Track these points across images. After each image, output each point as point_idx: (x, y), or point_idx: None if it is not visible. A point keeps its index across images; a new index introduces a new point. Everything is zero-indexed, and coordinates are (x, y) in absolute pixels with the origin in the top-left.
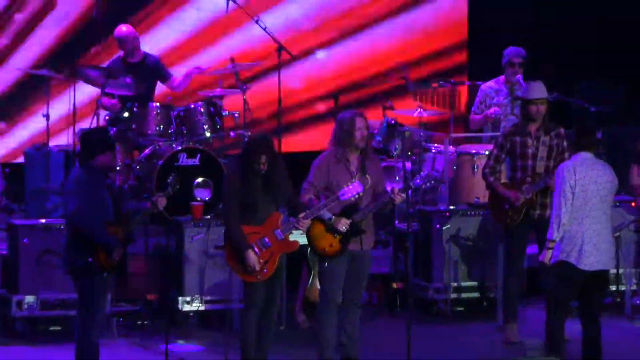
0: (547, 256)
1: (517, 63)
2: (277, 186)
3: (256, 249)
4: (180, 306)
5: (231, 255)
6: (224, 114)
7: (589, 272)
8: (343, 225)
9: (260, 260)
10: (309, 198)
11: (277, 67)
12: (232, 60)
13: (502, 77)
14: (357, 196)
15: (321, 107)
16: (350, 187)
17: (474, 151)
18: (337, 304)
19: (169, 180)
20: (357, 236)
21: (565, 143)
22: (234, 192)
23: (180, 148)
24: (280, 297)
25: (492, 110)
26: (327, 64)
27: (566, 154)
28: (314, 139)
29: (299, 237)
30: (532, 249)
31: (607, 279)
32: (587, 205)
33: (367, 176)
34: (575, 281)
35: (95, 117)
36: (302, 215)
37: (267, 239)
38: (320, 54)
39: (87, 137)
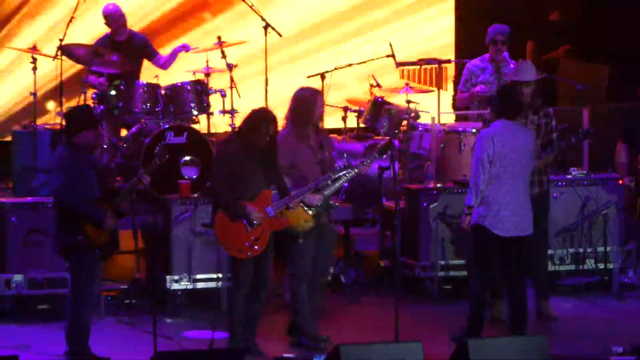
0: (466, 221)
1: (500, 40)
2: (273, 163)
3: (247, 226)
4: (168, 285)
5: (222, 230)
6: (210, 91)
7: (504, 238)
8: (318, 200)
9: (251, 237)
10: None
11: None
12: (219, 38)
13: (487, 55)
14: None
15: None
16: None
17: (461, 129)
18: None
19: (156, 151)
20: (328, 210)
21: (553, 122)
22: (228, 165)
23: (167, 126)
24: (269, 277)
25: (478, 88)
26: (313, 41)
27: (554, 133)
28: None
29: None
30: None
31: (527, 245)
32: (506, 173)
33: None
34: (491, 245)
35: (83, 95)
36: (293, 193)
37: None
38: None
39: (70, 115)
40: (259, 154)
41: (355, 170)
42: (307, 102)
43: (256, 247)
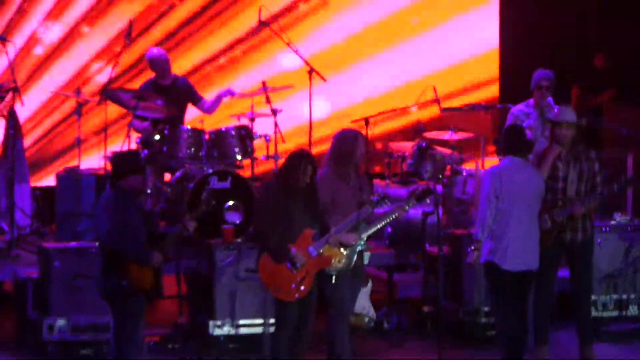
0: (473, 257)
1: (545, 86)
2: (314, 202)
3: (292, 269)
4: (211, 330)
5: (268, 274)
6: (255, 137)
7: (514, 273)
8: (353, 240)
9: (297, 279)
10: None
11: (309, 91)
12: (264, 83)
13: (532, 100)
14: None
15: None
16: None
17: None
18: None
19: (202, 198)
20: (362, 252)
21: (596, 166)
22: (270, 206)
23: (211, 171)
24: (311, 316)
25: None
26: (357, 87)
27: (598, 178)
28: None
29: None
30: (563, 272)
31: (531, 278)
32: (514, 209)
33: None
34: (503, 281)
35: (127, 139)
36: (333, 230)
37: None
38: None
39: (117, 159)
40: (300, 194)
41: (395, 215)
42: (349, 142)
43: (302, 287)
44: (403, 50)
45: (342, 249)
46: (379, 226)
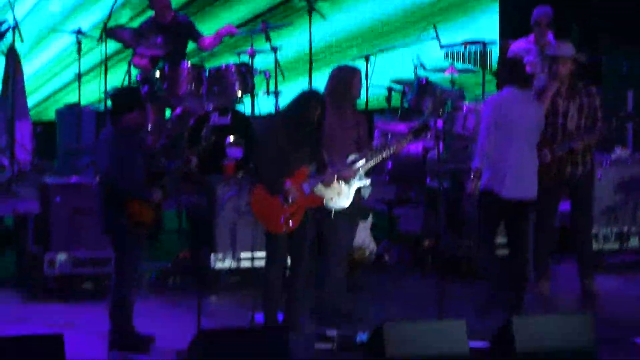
0: (472, 185)
1: (544, 23)
2: (318, 140)
3: (283, 202)
4: (212, 264)
5: (259, 205)
6: (255, 73)
7: (511, 201)
8: (352, 175)
9: (287, 213)
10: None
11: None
12: (264, 22)
13: (532, 37)
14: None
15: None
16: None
17: None
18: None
19: (202, 134)
20: (361, 189)
21: (597, 101)
22: (272, 140)
23: (211, 107)
24: (306, 253)
25: None
26: (356, 21)
27: (598, 113)
28: None
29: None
30: (564, 206)
31: (529, 208)
32: (512, 138)
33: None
34: (499, 208)
35: (127, 76)
36: (329, 170)
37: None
38: None
39: (117, 96)
40: (304, 131)
41: (392, 150)
42: (345, 80)
43: (291, 222)
44: None
45: (341, 184)
46: (377, 162)
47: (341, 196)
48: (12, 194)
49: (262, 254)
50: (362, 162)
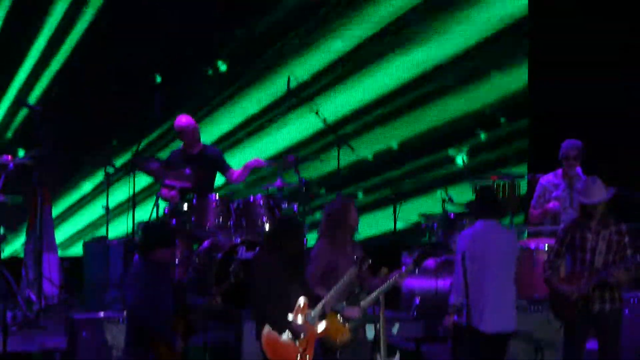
0: (450, 321)
1: (573, 156)
2: (304, 270)
3: (294, 340)
4: None
5: (272, 348)
6: (283, 206)
7: (491, 335)
8: (357, 313)
9: (300, 349)
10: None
11: (337, 160)
12: (293, 154)
13: (560, 170)
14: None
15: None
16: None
17: (533, 246)
18: None
19: (231, 269)
20: (366, 323)
21: (627, 239)
22: (266, 277)
23: (239, 241)
24: None
25: (551, 204)
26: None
27: (628, 250)
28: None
29: None
30: (591, 344)
31: (506, 342)
32: (488, 270)
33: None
34: (481, 343)
35: (155, 208)
36: (327, 296)
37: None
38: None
39: (148, 230)
40: (293, 261)
41: (394, 282)
42: (341, 212)
43: (307, 357)
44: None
45: (345, 324)
46: (379, 293)
47: (346, 335)
48: (40, 328)
49: None
50: (366, 298)
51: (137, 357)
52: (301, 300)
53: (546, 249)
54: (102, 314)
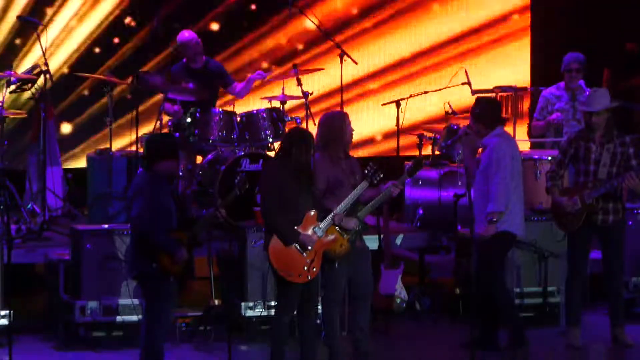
0: (490, 230)
1: (575, 69)
2: (313, 182)
3: (301, 251)
4: (243, 311)
5: (278, 258)
6: (286, 119)
7: (518, 239)
8: (354, 224)
9: (307, 260)
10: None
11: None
12: (295, 66)
13: (562, 83)
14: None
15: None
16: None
17: (536, 157)
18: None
19: (235, 181)
20: (362, 232)
21: (631, 150)
22: (279, 186)
23: (242, 153)
24: (317, 296)
25: (554, 116)
26: (387, 66)
27: (633, 161)
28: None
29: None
30: (595, 254)
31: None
32: (514, 179)
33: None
34: (510, 248)
35: (158, 122)
36: (336, 210)
37: None
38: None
39: (152, 143)
40: (302, 174)
41: (389, 193)
42: (336, 124)
43: (314, 269)
44: (435, 25)
45: (343, 234)
46: (374, 205)
47: (344, 245)
48: (44, 240)
49: None
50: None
51: (141, 268)
52: (311, 212)
53: (549, 159)
54: (106, 225)
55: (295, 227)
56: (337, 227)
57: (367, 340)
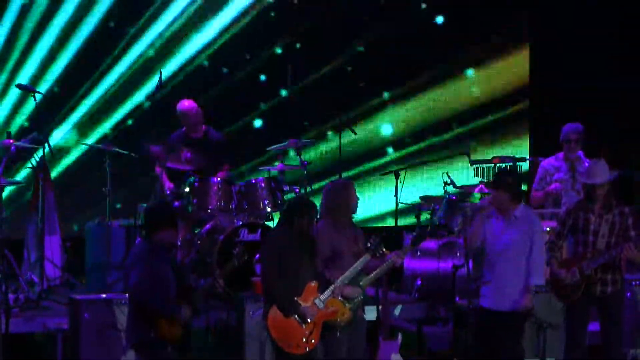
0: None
1: (574, 140)
2: (315, 253)
3: (301, 323)
4: None
5: (277, 328)
6: (285, 189)
7: None
8: (357, 293)
9: (306, 332)
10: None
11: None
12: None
13: (561, 153)
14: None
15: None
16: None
17: None
18: None
19: (234, 252)
20: (364, 303)
21: (629, 220)
22: (277, 257)
23: (241, 223)
24: None
25: (553, 186)
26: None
27: (631, 232)
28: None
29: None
30: (594, 325)
31: None
32: None
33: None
34: None
35: (156, 192)
36: (337, 281)
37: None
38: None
39: (151, 212)
40: (303, 244)
41: (392, 263)
42: (340, 193)
43: (312, 340)
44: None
45: (345, 303)
46: (377, 275)
47: (346, 314)
48: (42, 309)
49: None
50: (365, 278)
51: (140, 337)
52: (312, 283)
53: (547, 230)
54: (104, 295)
55: (296, 298)
56: (339, 297)
57: None
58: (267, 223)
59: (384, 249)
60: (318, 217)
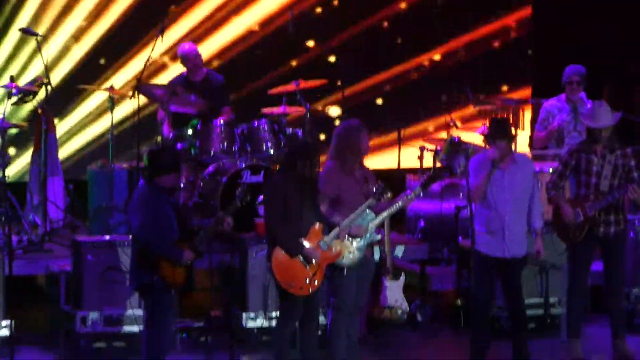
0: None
1: (576, 81)
2: (317, 195)
3: (305, 264)
4: (244, 322)
5: (281, 269)
6: (287, 131)
7: None
8: (363, 231)
9: (310, 273)
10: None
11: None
12: (297, 79)
13: (563, 95)
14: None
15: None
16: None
17: (537, 169)
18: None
19: (237, 192)
20: (371, 242)
21: (632, 162)
22: (281, 199)
23: (244, 165)
24: (319, 308)
25: (555, 123)
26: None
27: (634, 173)
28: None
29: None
30: (596, 266)
31: None
32: None
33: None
34: None
35: (160, 136)
36: (342, 224)
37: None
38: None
39: (154, 156)
40: (306, 186)
41: (401, 204)
42: (352, 135)
43: (316, 282)
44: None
45: (352, 242)
46: (386, 216)
47: (353, 253)
48: (45, 252)
49: None
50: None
51: (143, 281)
52: (316, 225)
53: (550, 171)
54: (107, 237)
55: (301, 239)
56: (345, 239)
57: (356, 352)
58: (270, 165)
59: (389, 195)
60: (328, 158)
